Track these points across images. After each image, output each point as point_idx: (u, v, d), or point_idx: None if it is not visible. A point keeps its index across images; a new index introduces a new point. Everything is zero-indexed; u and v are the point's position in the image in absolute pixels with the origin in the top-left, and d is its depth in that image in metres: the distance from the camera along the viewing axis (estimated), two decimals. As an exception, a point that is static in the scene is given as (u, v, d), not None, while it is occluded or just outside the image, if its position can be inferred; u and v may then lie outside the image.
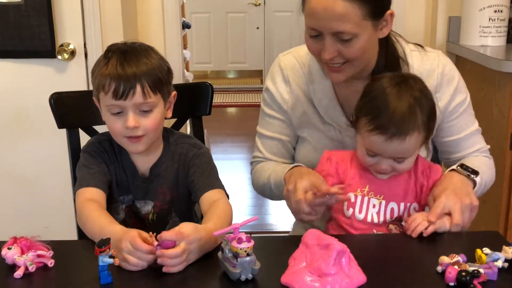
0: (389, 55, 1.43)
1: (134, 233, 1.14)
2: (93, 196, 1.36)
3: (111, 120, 1.37)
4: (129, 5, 2.45)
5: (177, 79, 2.58)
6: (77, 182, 1.41)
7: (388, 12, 1.34)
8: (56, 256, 1.17)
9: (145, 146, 1.39)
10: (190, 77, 3.72)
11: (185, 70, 3.33)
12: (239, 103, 6.28)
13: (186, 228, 1.15)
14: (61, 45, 2.27)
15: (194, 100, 1.76)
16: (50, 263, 1.16)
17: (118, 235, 1.16)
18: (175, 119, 1.81)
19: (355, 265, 1.10)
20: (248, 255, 1.07)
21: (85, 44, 2.30)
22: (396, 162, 1.30)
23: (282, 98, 1.52)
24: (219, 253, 1.12)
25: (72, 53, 2.28)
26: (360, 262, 1.11)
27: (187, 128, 2.41)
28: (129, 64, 1.33)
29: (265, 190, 1.55)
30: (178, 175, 1.46)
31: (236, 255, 1.07)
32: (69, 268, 1.14)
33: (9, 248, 1.16)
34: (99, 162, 1.43)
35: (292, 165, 1.42)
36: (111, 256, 1.10)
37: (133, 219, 1.48)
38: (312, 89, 1.48)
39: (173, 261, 1.11)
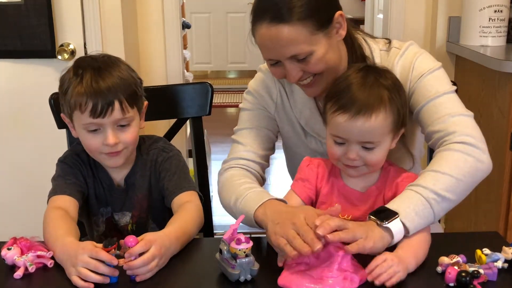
0: (356, 56, 1.39)
1: (90, 245, 1.11)
2: (64, 204, 1.33)
3: (88, 137, 1.33)
4: (129, 5, 2.44)
5: (177, 79, 2.60)
6: (51, 190, 1.38)
7: (337, 14, 1.29)
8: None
9: (124, 159, 1.38)
10: (190, 77, 3.71)
11: (185, 70, 3.33)
12: (239, 103, 6.23)
13: (151, 235, 1.15)
14: (61, 45, 2.26)
15: (194, 100, 1.76)
16: (50, 263, 1.16)
17: (72, 249, 1.13)
18: (175, 119, 1.82)
19: (355, 263, 1.10)
20: (247, 256, 1.07)
21: (85, 44, 2.30)
22: (365, 150, 1.22)
23: (271, 99, 1.49)
24: (217, 255, 1.12)
25: (72, 53, 2.27)
26: (360, 262, 1.11)
27: (187, 128, 2.41)
28: (104, 80, 1.29)
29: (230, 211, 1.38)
30: (151, 182, 1.46)
31: (234, 256, 1.07)
32: (69, 269, 1.14)
33: (9, 249, 1.17)
34: (76, 174, 1.41)
35: (262, 201, 1.26)
36: (117, 256, 1.10)
37: (113, 231, 1.48)
38: (293, 101, 1.46)
39: (142, 269, 1.11)
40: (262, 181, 1.47)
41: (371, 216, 1.15)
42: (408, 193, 1.19)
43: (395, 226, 1.13)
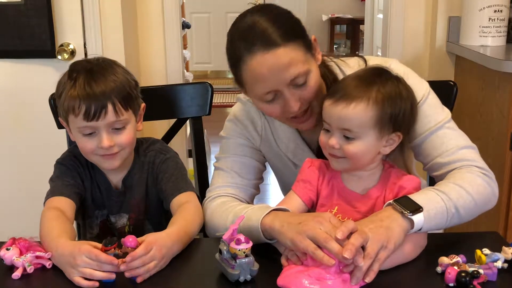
0: (330, 82, 1.36)
1: (87, 246, 1.10)
2: (60, 205, 1.33)
3: (83, 141, 1.33)
4: (129, 5, 2.44)
5: (177, 79, 2.60)
6: (48, 191, 1.38)
7: (312, 38, 1.29)
8: (55, 257, 1.17)
9: (120, 161, 1.37)
10: (190, 77, 3.72)
11: (185, 70, 3.33)
12: (239, 103, 6.26)
13: (152, 236, 1.15)
14: (61, 45, 2.26)
15: (194, 100, 1.76)
16: (48, 264, 1.16)
17: (67, 250, 1.13)
18: (175, 119, 1.81)
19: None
20: (246, 256, 1.07)
21: (85, 44, 2.30)
22: (345, 139, 1.20)
23: (256, 131, 1.44)
24: (217, 255, 1.12)
25: (72, 53, 2.27)
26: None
27: (187, 128, 2.41)
28: (97, 83, 1.29)
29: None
30: (148, 184, 1.46)
31: (234, 256, 1.07)
32: (68, 269, 1.14)
33: (7, 249, 1.17)
34: (74, 176, 1.41)
35: (267, 210, 1.21)
36: (116, 255, 1.10)
37: (108, 235, 1.47)
38: (277, 136, 1.43)
39: (140, 270, 1.10)
40: None
41: (395, 203, 1.15)
42: (433, 196, 1.20)
43: (417, 219, 1.15)
